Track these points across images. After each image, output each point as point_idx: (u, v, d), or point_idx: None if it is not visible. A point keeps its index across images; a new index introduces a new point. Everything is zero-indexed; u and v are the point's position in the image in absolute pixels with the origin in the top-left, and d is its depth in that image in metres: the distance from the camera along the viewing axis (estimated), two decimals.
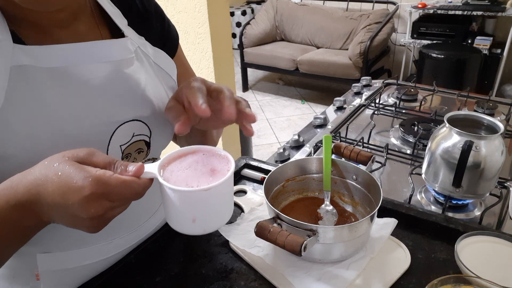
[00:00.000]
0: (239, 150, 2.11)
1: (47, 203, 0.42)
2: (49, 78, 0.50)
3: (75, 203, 0.41)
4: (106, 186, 0.42)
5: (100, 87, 0.55)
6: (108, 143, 0.56)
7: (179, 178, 0.48)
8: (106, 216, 0.44)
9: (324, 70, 3.80)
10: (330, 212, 0.72)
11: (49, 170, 0.42)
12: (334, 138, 1.13)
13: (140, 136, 0.60)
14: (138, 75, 0.60)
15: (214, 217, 0.52)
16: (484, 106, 1.29)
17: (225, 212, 0.53)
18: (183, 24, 1.73)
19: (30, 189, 0.42)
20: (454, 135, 0.79)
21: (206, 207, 0.49)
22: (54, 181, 0.41)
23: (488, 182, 0.79)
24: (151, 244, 0.71)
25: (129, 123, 0.58)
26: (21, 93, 0.48)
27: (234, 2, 4.90)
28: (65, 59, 0.52)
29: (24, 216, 0.44)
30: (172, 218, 0.51)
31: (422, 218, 0.74)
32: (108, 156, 0.46)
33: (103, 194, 0.42)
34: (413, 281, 0.63)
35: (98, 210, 0.42)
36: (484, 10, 3.33)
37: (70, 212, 0.42)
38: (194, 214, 0.49)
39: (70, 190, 0.41)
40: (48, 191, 0.42)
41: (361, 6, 4.23)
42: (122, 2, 0.63)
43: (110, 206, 0.44)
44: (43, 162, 0.43)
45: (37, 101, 0.49)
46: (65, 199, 0.41)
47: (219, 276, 0.66)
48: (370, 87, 1.57)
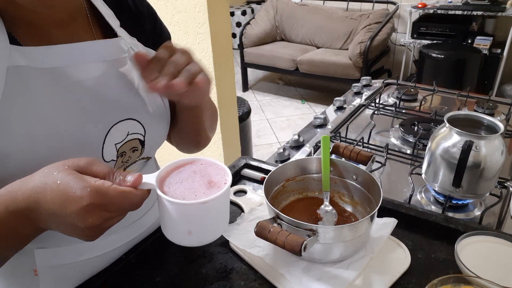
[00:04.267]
0: (239, 150, 2.11)
1: (45, 211, 0.42)
2: (45, 78, 0.51)
3: (73, 213, 0.41)
4: (105, 197, 0.42)
5: (95, 87, 0.55)
6: (103, 141, 0.56)
7: (177, 191, 0.49)
8: (103, 226, 0.44)
9: (324, 70, 3.80)
10: (330, 213, 0.72)
11: (48, 178, 0.42)
12: (334, 138, 1.13)
13: (134, 134, 0.61)
14: (131, 75, 0.60)
15: (210, 229, 0.52)
16: (484, 106, 1.30)
17: (221, 225, 0.54)
18: (183, 24, 1.73)
19: (29, 197, 0.42)
20: (454, 135, 0.79)
21: (203, 220, 0.50)
22: (53, 190, 0.42)
23: (488, 182, 0.79)
24: (151, 244, 0.71)
25: (124, 122, 0.59)
26: (17, 93, 0.49)
27: (234, 2, 4.90)
28: (60, 60, 0.52)
29: (22, 223, 0.44)
30: (168, 229, 0.51)
31: (422, 218, 0.74)
32: (107, 166, 0.46)
33: (101, 204, 0.42)
34: (413, 281, 0.63)
35: (95, 220, 0.42)
36: (484, 10, 3.33)
37: (67, 221, 0.42)
38: (190, 226, 0.49)
39: (69, 200, 0.41)
40: (47, 199, 0.42)
41: (361, 6, 4.23)
42: (115, 3, 0.63)
43: (108, 217, 0.44)
44: (43, 170, 0.44)
45: (33, 101, 0.50)
46: (63, 208, 0.41)
47: (219, 276, 0.66)
48: (370, 87, 1.57)
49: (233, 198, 0.84)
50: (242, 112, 2.32)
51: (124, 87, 0.59)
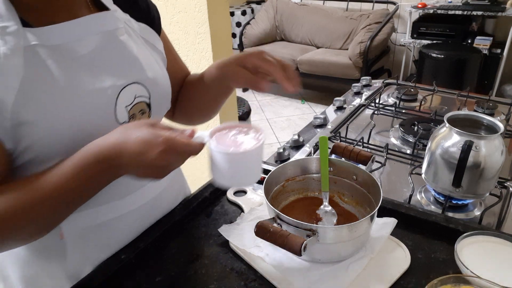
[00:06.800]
0: None
1: (126, 159, 0.53)
2: (55, 54, 0.57)
3: (151, 157, 0.52)
4: (173, 144, 0.53)
5: (100, 56, 0.62)
6: (115, 105, 0.63)
7: (223, 143, 0.60)
8: (170, 167, 0.56)
9: (324, 70, 3.80)
10: (329, 213, 0.72)
11: (127, 133, 0.54)
12: (334, 138, 1.13)
13: (141, 98, 0.67)
14: (130, 43, 0.67)
15: (247, 175, 0.63)
16: (484, 106, 1.29)
17: (256, 173, 0.64)
18: (183, 24, 1.73)
19: (114, 147, 0.54)
20: (454, 135, 0.79)
21: (242, 167, 0.61)
22: (134, 142, 0.53)
23: (488, 182, 0.79)
24: (151, 244, 0.71)
25: (130, 86, 0.65)
26: (36, 68, 0.55)
27: (234, 2, 4.89)
28: (67, 36, 0.59)
29: (107, 170, 0.55)
30: (215, 174, 0.61)
31: (422, 218, 0.74)
32: (166, 124, 0.57)
33: (171, 150, 0.53)
34: (413, 281, 0.63)
35: (166, 162, 0.54)
36: (484, 10, 3.33)
37: (144, 164, 0.53)
38: (233, 171, 0.60)
39: (147, 148, 0.52)
40: (128, 148, 0.53)
41: (361, 6, 4.22)
42: None
43: (174, 160, 0.55)
44: (118, 129, 0.56)
45: (49, 74, 0.56)
46: (142, 155, 0.52)
47: (219, 276, 0.66)
48: (370, 87, 1.57)
49: (233, 198, 0.84)
50: (242, 112, 2.32)
51: (128, 53, 0.66)
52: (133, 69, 0.66)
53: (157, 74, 0.70)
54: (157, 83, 0.70)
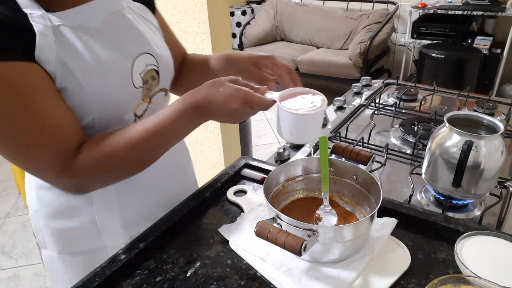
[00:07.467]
0: (239, 150, 2.11)
1: (215, 106, 0.66)
2: (76, 32, 0.67)
3: (232, 107, 0.65)
4: (251, 97, 0.66)
5: (113, 32, 0.72)
6: (131, 72, 0.73)
7: (290, 104, 0.68)
8: (245, 116, 0.69)
9: (324, 70, 3.80)
10: (329, 213, 0.72)
11: (215, 88, 0.66)
12: (334, 138, 1.13)
13: (151, 66, 0.78)
14: (135, 21, 0.77)
15: (308, 133, 0.71)
16: (484, 106, 1.29)
17: (317, 132, 0.72)
18: (183, 24, 1.73)
19: (205, 98, 0.66)
20: (454, 135, 0.79)
21: (304, 125, 0.69)
22: (220, 93, 0.65)
23: (488, 182, 0.79)
24: (151, 244, 0.71)
25: (142, 55, 0.75)
26: (65, 44, 0.65)
27: (234, 2, 4.89)
28: (83, 17, 0.68)
29: (200, 115, 0.68)
30: (283, 131, 0.70)
31: (422, 218, 0.74)
32: (245, 81, 0.70)
33: (249, 101, 0.66)
34: (413, 281, 0.63)
35: (243, 111, 0.67)
36: (484, 10, 3.33)
37: (227, 112, 0.66)
38: (293, 129, 0.69)
39: (231, 99, 0.65)
40: (216, 99, 0.65)
41: (361, 6, 4.22)
42: None
43: (249, 110, 0.67)
44: (206, 84, 0.68)
45: (75, 49, 0.66)
46: (227, 104, 0.65)
47: (219, 276, 0.66)
48: (370, 87, 1.57)
49: (233, 198, 0.84)
50: None
51: (134, 30, 0.76)
52: (141, 42, 0.76)
53: (159, 46, 0.80)
54: (162, 53, 0.80)
